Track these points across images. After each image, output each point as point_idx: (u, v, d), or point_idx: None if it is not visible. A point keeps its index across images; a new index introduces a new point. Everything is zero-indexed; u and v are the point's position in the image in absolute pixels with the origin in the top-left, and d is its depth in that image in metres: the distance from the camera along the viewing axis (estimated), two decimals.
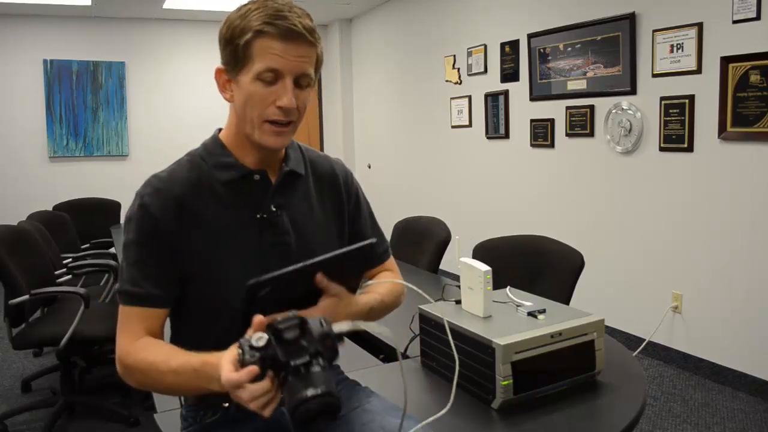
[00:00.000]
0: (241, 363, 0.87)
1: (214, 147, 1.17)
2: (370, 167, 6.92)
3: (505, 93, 4.62)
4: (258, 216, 1.14)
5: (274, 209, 1.15)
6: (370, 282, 1.21)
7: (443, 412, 1.05)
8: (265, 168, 1.16)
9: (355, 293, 1.13)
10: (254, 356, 0.86)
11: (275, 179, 1.16)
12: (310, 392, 0.83)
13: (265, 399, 0.87)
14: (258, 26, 1.04)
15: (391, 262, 1.37)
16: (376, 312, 1.18)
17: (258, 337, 0.87)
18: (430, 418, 1.07)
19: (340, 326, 0.93)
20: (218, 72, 1.13)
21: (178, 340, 1.14)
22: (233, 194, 1.14)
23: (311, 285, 1.05)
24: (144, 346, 1.06)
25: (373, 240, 1.04)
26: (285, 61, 1.05)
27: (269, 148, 1.12)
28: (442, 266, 2.94)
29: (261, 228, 1.14)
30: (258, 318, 0.90)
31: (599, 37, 3.72)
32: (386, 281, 1.26)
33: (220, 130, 1.20)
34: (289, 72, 1.06)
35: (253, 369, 0.86)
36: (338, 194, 1.27)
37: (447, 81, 5.36)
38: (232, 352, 0.89)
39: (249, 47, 1.05)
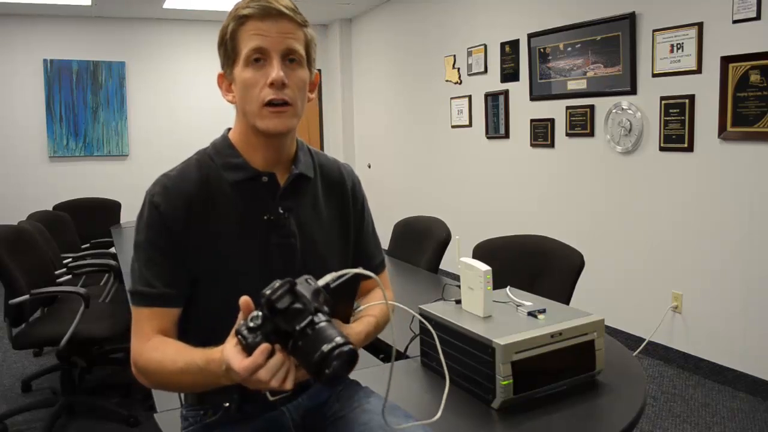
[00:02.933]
0: (246, 348, 0.85)
1: (223, 147, 1.17)
2: (370, 167, 6.92)
3: (505, 93, 4.62)
4: (265, 218, 1.14)
5: (281, 211, 1.15)
6: (362, 307, 1.20)
7: (435, 417, 1.06)
8: (273, 169, 1.16)
9: (349, 320, 1.12)
10: (257, 336, 0.85)
11: (284, 181, 1.16)
12: (326, 347, 0.82)
13: (284, 371, 0.87)
14: (238, 12, 1.08)
15: (385, 275, 1.37)
16: (371, 335, 1.19)
17: (252, 317, 0.86)
18: (424, 422, 1.07)
19: (325, 279, 0.93)
20: (220, 77, 1.15)
21: (185, 340, 1.14)
22: (241, 195, 1.14)
23: None
24: (154, 346, 1.06)
25: (360, 270, 1.02)
26: (268, 39, 1.07)
27: (273, 133, 1.11)
28: (442, 266, 2.94)
29: (268, 229, 1.14)
30: (243, 299, 0.88)
31: (599, 37, 3.72)
32: (379, 303, 1.24)
33: (229, 129, 1.21)
34: (274, 49, 1.07)
35: (265, 347, 0.84)
36: (345, 200, 1.27)
37: (447, 81, 5.36)
38: (232, 343, 0.88)
39: (235, 37, 1.08)
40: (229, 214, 1.13)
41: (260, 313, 0.86)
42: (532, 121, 4.36)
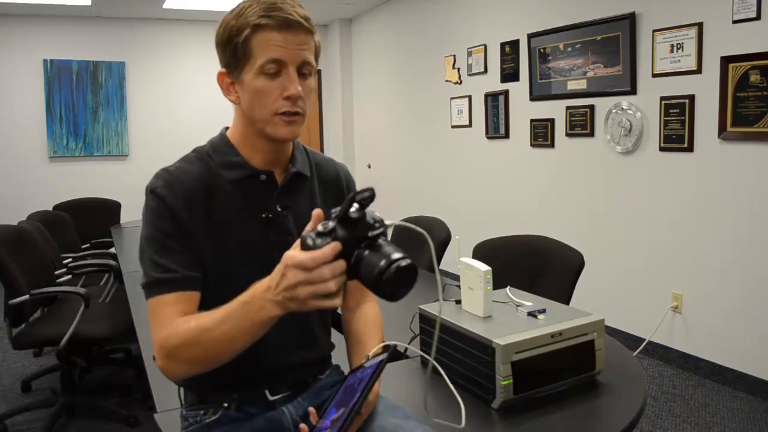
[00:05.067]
0: (312, 249, 0.84)
1: (221, 145, 1.17)
2: (370, 167, 6.92)
3: (505, 93, 4.62)
4: (263, 215, 1.15)
5: (279, 209, 1.16)
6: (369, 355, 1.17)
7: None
8: (271, 168, 1.16)
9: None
10: (326, 240, 0.84)
11: (282, 180, 1.17)
12: (395, 256, 0.83)
13: (342, 280, 0.87)
14: (255, 21, 1.06)
15: None
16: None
17: (323, 225, 0.86)
18: None
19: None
20: (220, 75, 1.14)
21: None
22: (240, 193, 1.14)
23: None
24: (184, 320, 1.02)
25: (392, 345, 1.06)
26: (286, 51, 1.06)
27: (284, 140, 1.12)
28: (442, 266, 2.94)
29: (266, 227, 1.15)
30: (317, 211, 0.91)
31: (599, 37, 3.72)
32: (380, 346, 1.21)
33: (227, 128, 1.21)
34: (291, 61, 1.07)
35: (336, 244, 0.84)
36: (341, 197, 1.27)
37: (447, 81, 5.36)
38: (296, 249, 0.87)
39: (248, 43, 1.07)
40: (228, 212, 1.13)
41: (333, 224, 0.86)
42: (532, 121, 4.36)
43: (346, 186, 1.30)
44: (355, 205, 0.86)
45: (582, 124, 3.94)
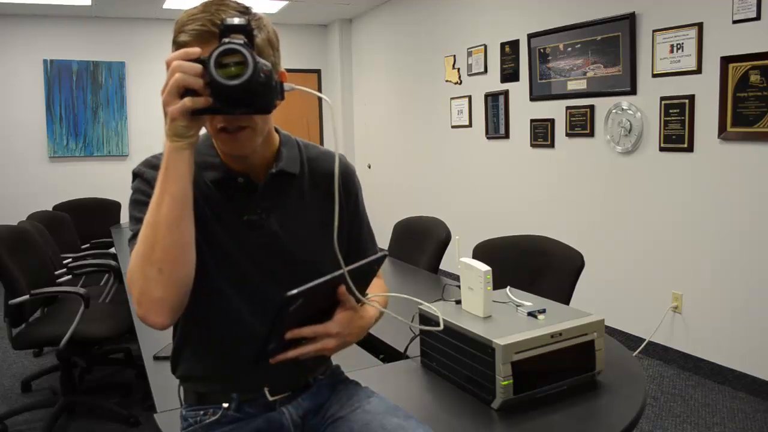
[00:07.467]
0: None
1: (204, 146, 1.14)
2: (370, 167, 6.92)
3: (505, 93, 4.62)
4: (245, 218, 1.13)
5: (259, 212, 1.14)
6: (371, 295, 1.20)
7: None
8: (250, 170, 1.13)
9: (358, 302, 1.13)
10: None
11: (262, 181, 1.14)
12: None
13: (199, 77, 0.95)
14: (175, 38, 1.03)
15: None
16: (377, 321, 1.22)
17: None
18: None
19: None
20: None
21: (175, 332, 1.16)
22: (219, 194, 1.12)
23: (330, 298, 1.06)
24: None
25: (386, 252, 1.03)
26: None
27: (235, 156, 1.10)
28: (442, 266, 2.94)
29: (248, 229, 1.13)
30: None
31: (599, 37, 3.72)
32: (386, 295, 1.26)
33: None
34: None
35: (197, 50, 0.95)
36: (332, 193, 1.23)
37: (447, 81, 5.36)
38: None
39: None
40: (210, 210, 1.11)
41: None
42: (532, 121, 4.36)
43: (344, 181, 1.22)
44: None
45: (582, 124, 3.94)
